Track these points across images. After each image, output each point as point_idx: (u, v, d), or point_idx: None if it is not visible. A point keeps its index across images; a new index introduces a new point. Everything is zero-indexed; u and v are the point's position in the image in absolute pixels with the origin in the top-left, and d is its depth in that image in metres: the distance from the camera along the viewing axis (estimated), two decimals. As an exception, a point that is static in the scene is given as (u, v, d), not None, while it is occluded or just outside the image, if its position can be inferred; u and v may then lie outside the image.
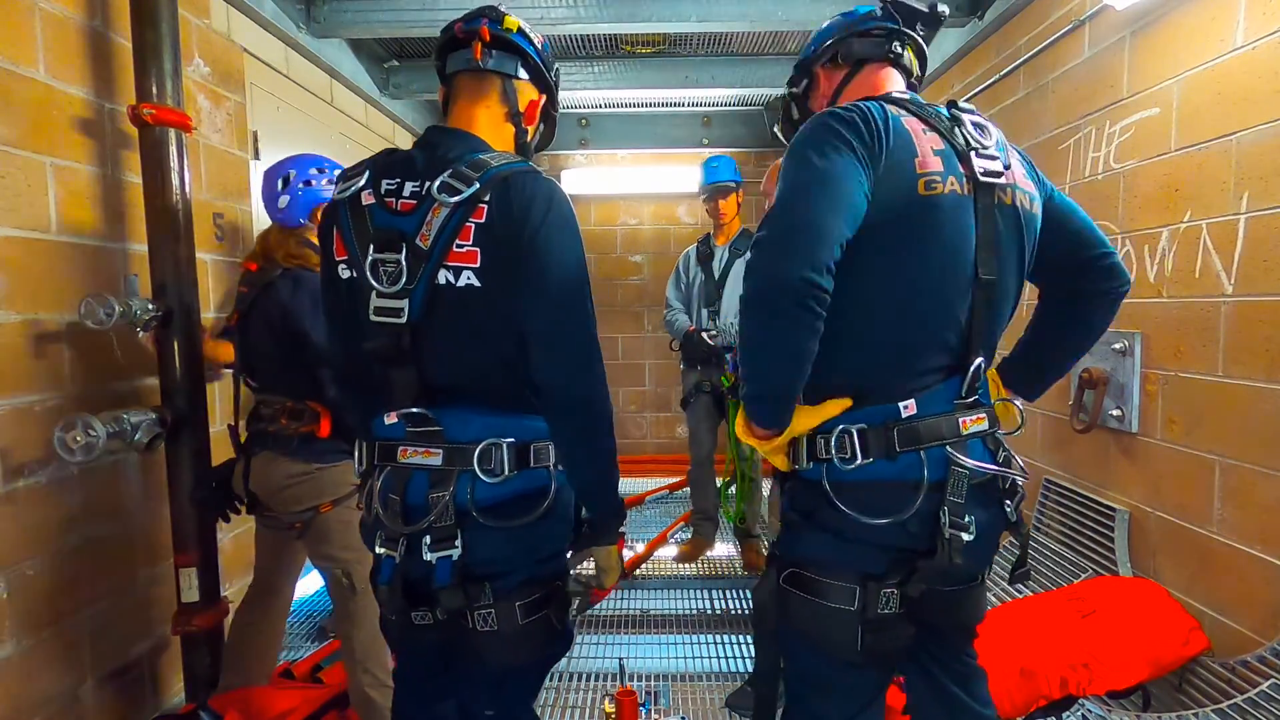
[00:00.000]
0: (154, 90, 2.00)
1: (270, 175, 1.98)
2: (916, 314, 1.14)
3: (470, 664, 1.29)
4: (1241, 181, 1.88)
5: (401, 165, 1.22)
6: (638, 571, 3.49)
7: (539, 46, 1.34)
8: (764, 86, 4.29)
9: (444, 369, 1.20)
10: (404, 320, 1.16)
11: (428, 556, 1.16)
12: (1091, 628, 1.96)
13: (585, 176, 5.46)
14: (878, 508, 1.11)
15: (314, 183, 1.96)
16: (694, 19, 3.25)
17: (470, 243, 1.14)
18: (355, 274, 1.20)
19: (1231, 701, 1.78)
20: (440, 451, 1.18)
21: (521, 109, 1.32)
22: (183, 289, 2.08)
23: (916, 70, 1.34)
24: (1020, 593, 2.55)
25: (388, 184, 1.20)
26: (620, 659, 2.26)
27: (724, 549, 3.59)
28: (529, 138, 1.37)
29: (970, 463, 1.12)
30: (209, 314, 2.34)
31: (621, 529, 1.34)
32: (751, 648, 2.74)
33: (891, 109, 1.14)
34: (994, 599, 2.60)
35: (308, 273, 1.88)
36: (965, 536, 1.11)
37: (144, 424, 1.93)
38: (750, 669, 2.53)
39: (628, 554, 3.60)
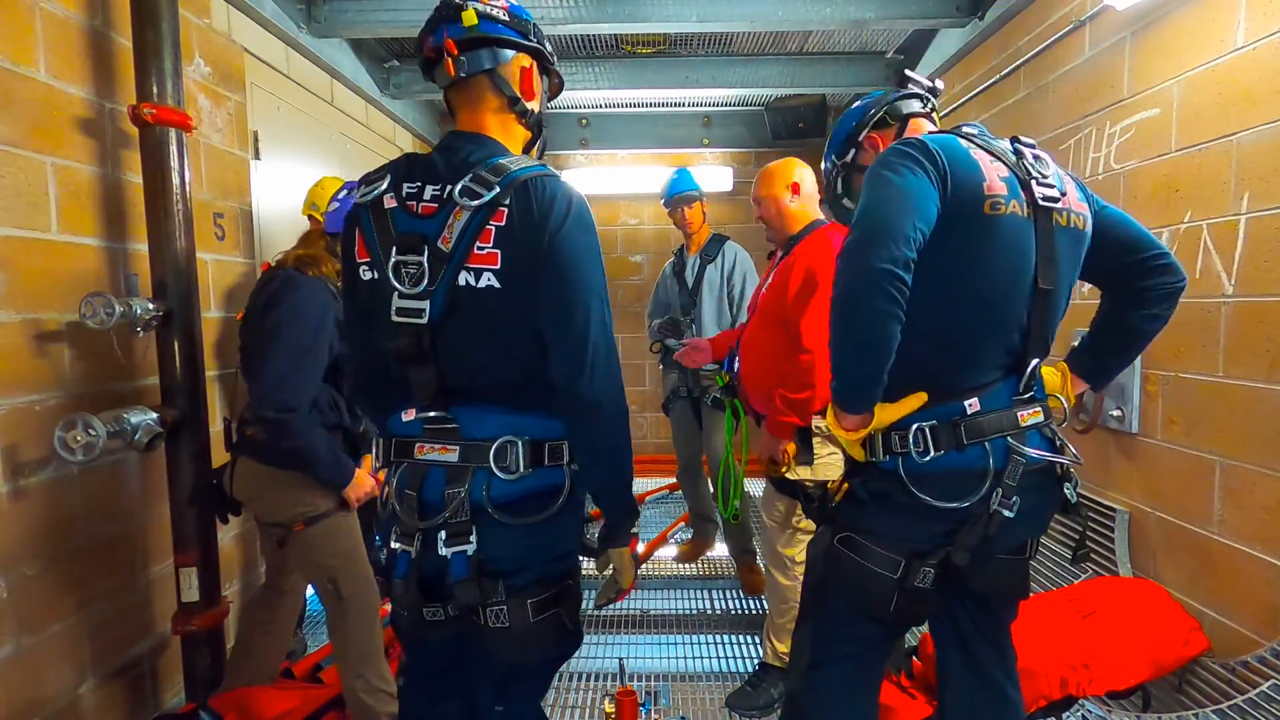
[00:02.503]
0: (154, 90, 2.01)
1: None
2: (984, 320, 1.26)
3: (481, 661, 1.31)
4: (1242, 182, 1.88)
5: (422, 169, 1.24)
6: (638, 572, 3.49)
7: (507, 17, 1.29)
8: (764, 87, 4.29)
9: (462, 368, 1.22)
10: (425, 321, 1.19)
11: (443, 551, 1.18)
12: (1092, 628, 1.96)
13: (586, 176, 5.46)
14: (949, 493, 1.25)
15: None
16: (694, 19, 3.25)
17: (491, 245, 1.16)
18: (377, 275, 1.22)
19: (1231, 702, 1.77)
20: (457, 448, 1.21)
21: (517, 90, 1.30)
22: (183, 289, 2.08)
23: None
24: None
25: (409, 188, 1.22)
26: (620, 659, 2.26)
27: (724, 549, 3.59)
28: (538, 107, 1.35)
29: (1031, 451, 1.26)
30: (209, 314, 2.34)
31: (635, 529, 1.37)
32: (751, 648, 2.75)
33: (961, 140, 1.28)
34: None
35: (303, 275, 1.87)
36: (1006, 514, 1.25)
37: (144, 424, 1.93)
38: (749, 669, 2.53)
39: (628, 554, 3.60)
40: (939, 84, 1.52)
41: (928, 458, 1.25)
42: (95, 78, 2.00)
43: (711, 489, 3.50)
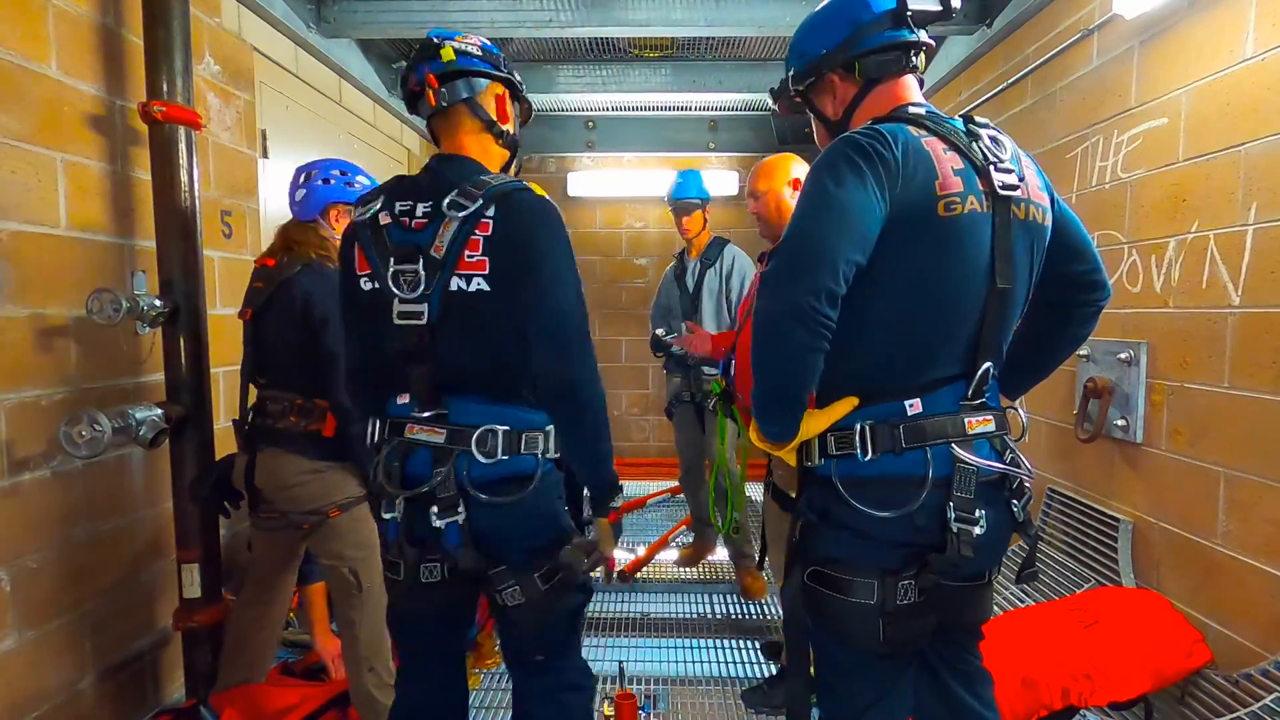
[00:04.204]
0: (164, 88, 2.02)
1: (297, 171, 2.03)
2: (930, 323, 1.18)
3: (510, 625, 1.45)
4: (1250, 193, 1.87)
5: (411, 189, 1.38)
6: (639, 575, 3.49)
7: (480, 52, 1.43)
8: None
9: (454, 364, 1.35)
10: (425, 321, 1.33)
11: (436, 523, 1.32)
12: (1094, 638, 1.96)
13: (591, 179, 5.47)
14: (885, 502, 1.16)
15: (333, 181, 1.98)
16: (702, 24, 3.25)
17: (480, 253, 1.30)
18: (378, 285, 1.35)
19: (1234, 715, 1.76)
20: (444, 432, 1.34)
21: (494, 114, 1.45)
22: (190, 286, 2.09)
23: (924, 67, 1.33)
24: (1023, 601, 2.55)
25: (401, 206, 1.36)
26: (620, 662, 2.26)
27: (725, 554, 3.58)
28: (512, 130, 1.49)
29: (974, 459, 1.17)
30: (215, 311, 2.34)
31: (614, 503, 1.48)
32: (750, 653, 2.75)
33: (913, 130, 1.17)
34: (996, 608, 2.59)
35: (330, 269, 1.89)
36: (976, 531, 1.16)
37: (149, 420, 1.94)
38: (749, 674, 2.53)
39: (629, 557, 3.61)
40: (955, 1, 1.26)
41: (865, 459, 1.17)
42: (106, 75, 2.01)
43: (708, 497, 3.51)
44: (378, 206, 1.37)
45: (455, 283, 1.30)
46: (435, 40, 1.42)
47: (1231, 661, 1.92)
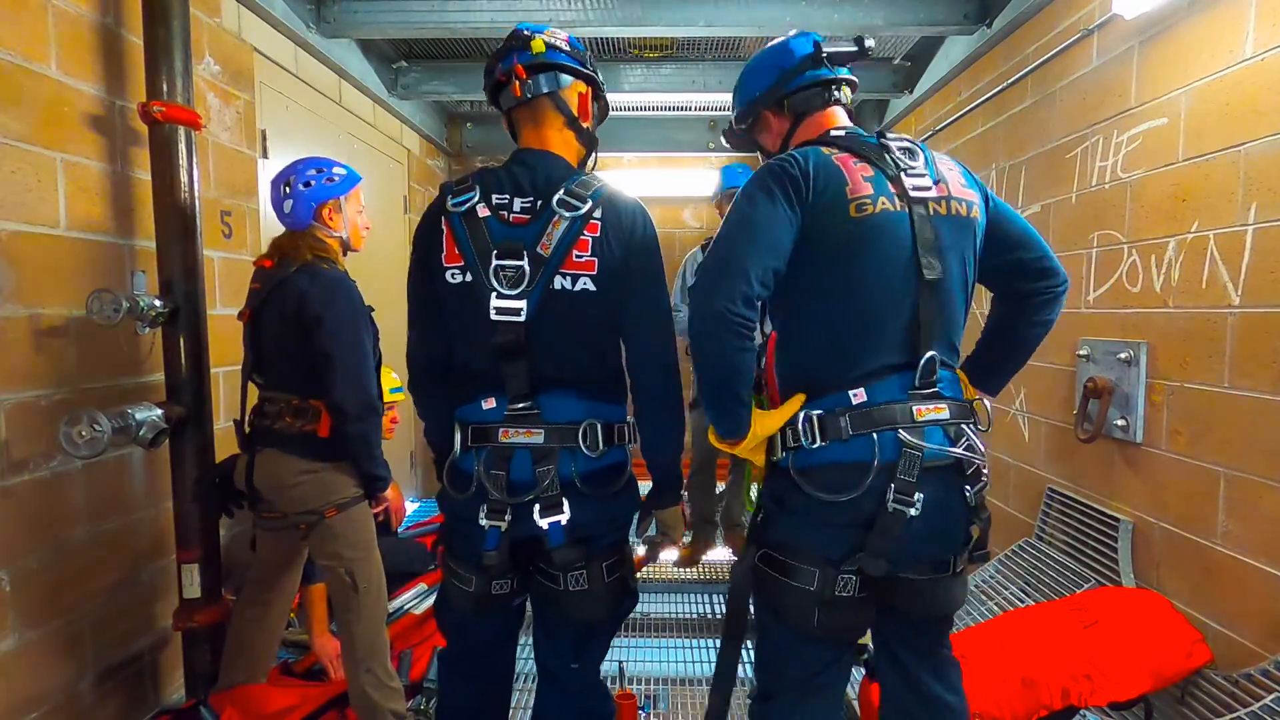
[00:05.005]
0: (164, 88, 2.02)
1: (274, 184, 1.96)
2: (859, 316, 1.27)
3: (556, 625, 1.48)
4: (1250, 192, 1.87)
5: (508, 183, 1.37)
6: (638, 575, 3.49)
7: (568, 48, 1.44)
8: (771, 91, 4.28)
9: (551, 361, 1.36)
10: (523, 319, 1.32)
11: (541, 523, 1.32)
12: (1094, 638, 1.96)
13: (591, 179, 5.46)
14: (834, 486, 1.24)
15: (313, 183, 1.93)
16: (702, 24, 3.25)
17: (589, 253, 1.32)
18: (470, 278, 1.34)
19: (1234, 715, 1.76)
20: (541, 431, 1.35)
21: (575, 111, 1.45)
22: (190, 286, 2.09)
23: (849, 99, 1.46)
24: (1023, 601, 2.55)
25: (498, 199, 1.35)
26: (620, 662, 2.26)
27: (725, 553, 3.58)
28: (590, 127, 1.51)
29: (919, 444, 1.22)
30: (215, 311, 2.34)
31: (683, 492, 1.52)
32: (749, 653, 2.74)
33: (825, 150, 1.30)
34: (996, 607, 2.59)
35: (325, 269, 1.88)
36: (910, 512, 1.21)
37: (149, 420, 1.94)
38: (748, 674, 2.52)
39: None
40: (869, 42, 1.45)
41: (815, 446, 1.25)
42: (106, 75, 2.01)
43: (719, 488, 3.54)
44: (475, 198, 1.34)
45: (559, 281, 1.31)
46: (526, 32, 1.41)
47: (1231, 661, 1.92)
